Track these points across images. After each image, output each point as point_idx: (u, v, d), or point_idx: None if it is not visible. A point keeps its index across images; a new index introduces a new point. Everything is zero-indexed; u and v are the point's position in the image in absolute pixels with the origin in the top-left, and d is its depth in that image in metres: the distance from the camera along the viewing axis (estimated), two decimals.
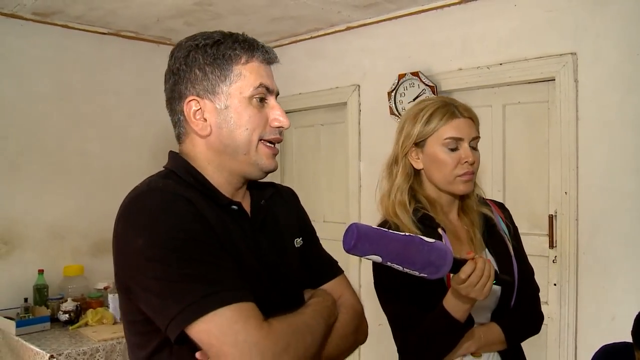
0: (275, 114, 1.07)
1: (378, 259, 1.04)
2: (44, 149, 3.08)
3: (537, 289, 1.53)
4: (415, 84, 3.00)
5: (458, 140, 1.39)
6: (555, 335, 2.53)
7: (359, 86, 3.38)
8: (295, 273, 1.15)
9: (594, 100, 2.44)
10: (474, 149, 1.42)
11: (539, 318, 1.49)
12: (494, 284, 1.20)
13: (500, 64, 2.73)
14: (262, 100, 1.06)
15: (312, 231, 1.28)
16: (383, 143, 3.24)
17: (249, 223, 1.09)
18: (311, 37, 3.54)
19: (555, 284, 2.56)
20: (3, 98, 2.95)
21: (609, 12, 2.39)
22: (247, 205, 1.12)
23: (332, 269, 1.24)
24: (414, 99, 3.00)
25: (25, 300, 2.79)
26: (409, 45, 3.10)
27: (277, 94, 1.11)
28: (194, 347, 0.93)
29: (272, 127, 1.07)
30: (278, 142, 1.09)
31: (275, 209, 1.18)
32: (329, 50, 3.47)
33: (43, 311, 2.75)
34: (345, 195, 3.46)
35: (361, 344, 1.19)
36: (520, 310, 1.43)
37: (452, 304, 1.26)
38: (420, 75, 2.97)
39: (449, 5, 2.91)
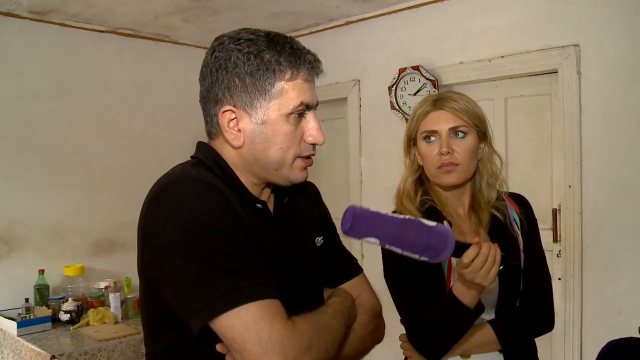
0: (311, 129, 1.02)
1: (376, 241, 1.02)
2: (43, 148, 3.06)
3: (548, 278, 1.47)
4: (416, 78, 2.98)
5: (433, 133, 1.42)
6: (560, 330, 2.50)
7: (359, 81, 3.35)
8: (316, 273, 1.14)
9: (597, 92, 2.42)
10: (462, 138, 1.40)
11: (546, 314, 1.45)
12: (501, 268, 1.19)
13: (502, 57, 2.71)
14: (301, 115, 1.01)
15: (333, 228, 1.26)
16: (384, 138, 3.26)
17: (271, 222, 1.07)
18: (310, 33, 3.51)
19: (559, 278, 2.54)
20: (1, 97, 2.93)
21: (612, 3, 2.36)
22: (270, 204, 1.10)
23: (351, 268, 1.23)
24: (415, 93, 2.98)
25: (26, 300, 2.77)
26: (409, 39, 3.08)
27: (317, 105, 1.05)
28: (212, 343, 0.92)
29: (306, 143, 1.03)
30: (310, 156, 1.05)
31: (298, 207, 1.16)
32: (329, 45, 3.43)
33: (44, 311, 2.73)
34: (346, 190, 3.45)
35: (378, 343, 1.18)
36: (522, 308, 1.40)
37: (460, 290, 1.26)
38: (420, 69, 2.95)
39: None
